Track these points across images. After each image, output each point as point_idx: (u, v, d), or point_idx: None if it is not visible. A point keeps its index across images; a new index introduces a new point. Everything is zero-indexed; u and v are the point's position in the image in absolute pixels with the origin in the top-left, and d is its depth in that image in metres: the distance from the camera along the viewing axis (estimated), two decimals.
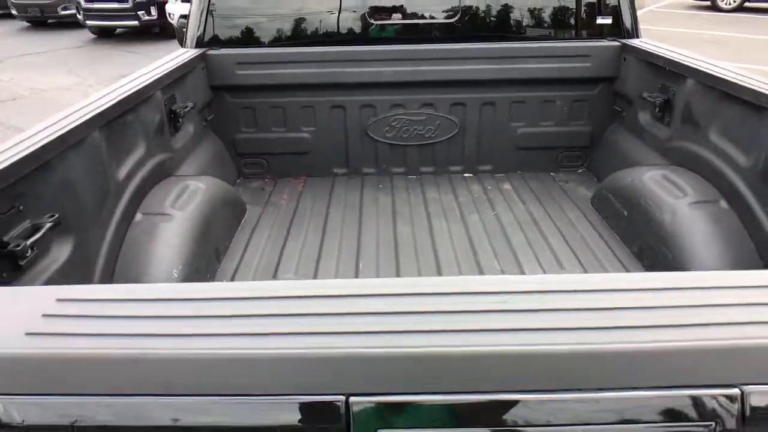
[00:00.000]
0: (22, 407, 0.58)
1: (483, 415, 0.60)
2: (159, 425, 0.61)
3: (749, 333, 0.61)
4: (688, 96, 2.11)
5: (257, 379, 0.61)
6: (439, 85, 2.59)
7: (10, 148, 1.33)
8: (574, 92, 2.66)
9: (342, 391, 0.61)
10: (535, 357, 0.59)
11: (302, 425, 0.61)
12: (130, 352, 0.62)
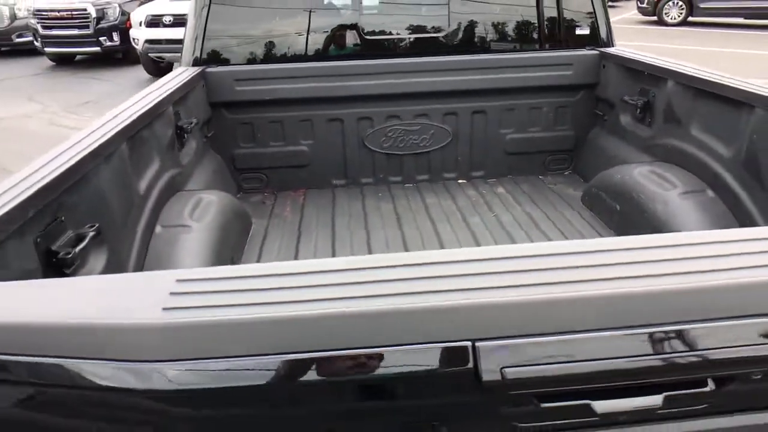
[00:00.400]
0: (170, 372, 0.63)
1: (589, 348, 0.69)
2: (302, 381, 0.67)
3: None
4: (669, 96, 2.28)
5: (396, 332, 0.68)
6: (432, 96, 2.70)
7: (50, 161, 1.36)
8: (558, 99, 2.81)
9: (469, 337, 0.69)
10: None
11: (438, 369, 0.69)
12: (260, 317, 0.68)
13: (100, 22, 10.77)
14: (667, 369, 0.70)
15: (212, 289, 0.72)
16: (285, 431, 0.73)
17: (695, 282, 0.72)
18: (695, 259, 0.76)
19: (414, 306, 0.70)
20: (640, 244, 0.82)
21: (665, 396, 0.71)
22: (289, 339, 0.67)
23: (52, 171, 1.31)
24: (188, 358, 0.65)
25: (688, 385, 0.72)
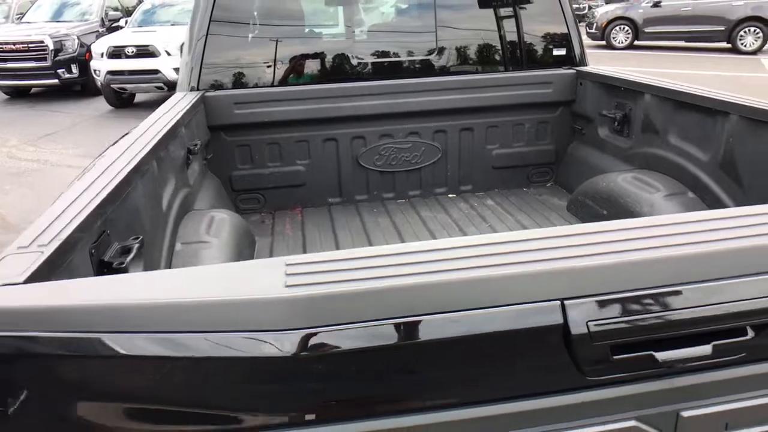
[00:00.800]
0: (296, 338, 0.71)
1: (654, 303, 0.80)
2: (415, 342, 0.75)
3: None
4: (647, 108, 2.47)
5: (500, 295, 0.77)
6: (422, 115, 2.83)
7: (99, 177, 1.40)
8: (539, 115, 2.99)
9: (558, 297, 0.80)
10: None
11: (533, 326, 0.79)
12: (376, 286, 0.76)
13: (59, 54, 10.59)
14: (715, 319, 0.81)
15: (319, 270, 0.80)
16: (393, 389, 0.80)
17: (724, 246, 0.85)
18: (719, 230, 0.89)
19: (515, 272, 0.80)
20: (669, 221, 0.94)
21: (713, 345, 0.83)
22: (400, 304, 0.75)
23: (106, 186, 1.35)
24: (311, 326, 0.73)
25: (730, 333, 0.84)
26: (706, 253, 0.84)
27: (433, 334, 0.76)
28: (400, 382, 0.80)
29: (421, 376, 0.80)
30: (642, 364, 0.83)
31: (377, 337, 0.75)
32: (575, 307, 0.79)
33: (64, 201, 1.18)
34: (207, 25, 2.52)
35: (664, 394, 0.85)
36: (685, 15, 13.80)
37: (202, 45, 2.56)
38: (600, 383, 0.83)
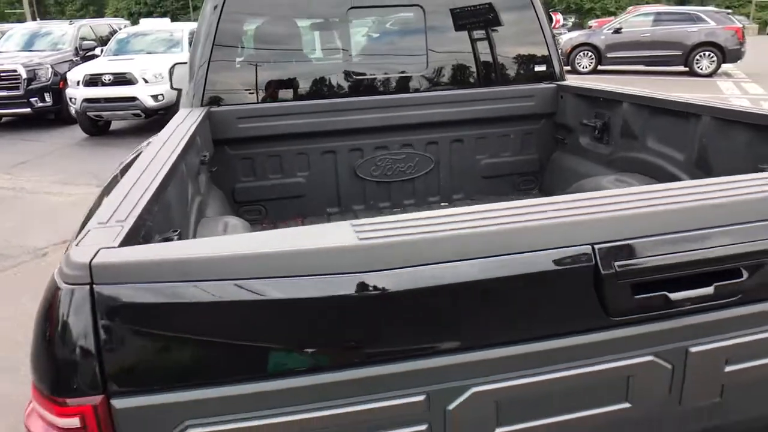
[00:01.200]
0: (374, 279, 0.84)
1: (668, 246, 0.95)
2: (468, 280, 0.88)
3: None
4: (625, 116, 2.68)
5: (545, 241, 0.90)
6: (415, 128, 2.99)
7: (143, 173, 1.49)
8: (523, 127, 3.18)
9: (589, 242, 0.94)
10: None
11: (569, 267, 0.92)
12: (432, 236, 0.89)
13: (32, 83, 10.53)
14: (715, 261, 0.97)
15: (380, 228, 0.92)
16: (446, 326, 0.92)
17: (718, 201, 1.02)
18: (709, 192, 1.05)
19: (556, 222, 0.93)
20: (672, 186, 1.10)
21: (715, 286, 0.97)
22: (456, 250, 0.88)
23: (152, 182, 1.44)
24: (383, 269, 0.85)
25: (728, 275, 0.99)
26: (702, 206, 0.99)
27: (481, 275, 0.89)
28: (453, 319, 0.92)
29: (470, 315, 0.92)
30: (657, 304, 0.96)
31: (435, 277, 0.87)
32: (604, 250, 0.93)
33: (117, 193, 1.28)
34: (210, 48, 2.62)
35: (676, 332, 0.99)
36: (644, 41, 14.50)
37: (206, 68, 2.64)
38: (622, 323, 0.97)
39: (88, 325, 0.80)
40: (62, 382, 0.82)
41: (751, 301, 1.02)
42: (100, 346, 0.81)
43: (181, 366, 0.84)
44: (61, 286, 0.81)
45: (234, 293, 0.82)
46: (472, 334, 0.93)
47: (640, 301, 0.95)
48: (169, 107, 9.60)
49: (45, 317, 0.83)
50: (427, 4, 2.83)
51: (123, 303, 0.80)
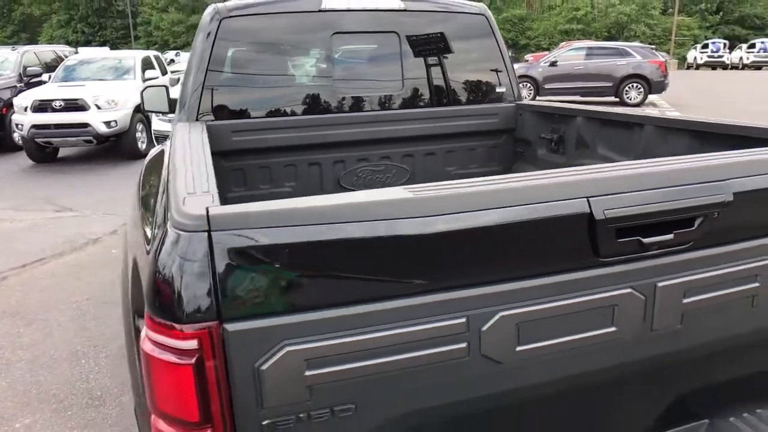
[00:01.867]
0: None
1: (641, 198, 1.25)
2: (494, 224, 1.13)
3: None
4: (578, 129, 3.04)
5: (551, 195, 1.17)
6: (393, 142, 3.25)
7: (191, 164, 1.65)
8: (488, 141, 3.50)
9: (585, 195, 1.20)
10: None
11: (571, 213, 1.19)
12: (468, 190, 1.15)
13: None
14: (673, 212, 1.26)
15: (429, 188, 1.17)
16: (479, 262, 1.17)
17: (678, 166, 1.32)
18: (667, 165, 1.36)
19: (562, 180, 1.21)
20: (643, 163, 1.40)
21: (676, 232, 1.27)
22: (484, 202, 1.14)
23: (204, 168, 1.59)
24: (434, 215, 1.11)
25: (683, 224, 1.29)
26: (664, 171, 1.30)
27: (506, 220, 1.14)
28: (486, 258, 1.16)
29: (498, 254, 1.17)
30: (633, 247, 1.23)
31: (473, 222, 1.12)
32: (596, 202, 1.20)
33: (183, 175, 1.45)
34: (205, 69, 2.77)
35: (647, 270, 1.26)
36: (578, 73, 15.51)
37: (200, 87, 2.79)
38: (608, 263, 1.23)
39: (205, 264, 0.99)
40: (183, 312, 1.00)
41: (701, 247, 1.31)
42: (215, 281, 1.00)
43: (279, 296, 1.03)
44: (181, 234, 1.00)
45: (323, 234, 1.04)
46: (499, 269, 1.17)
47: (621, 244, 1.22)
48: (122, 134, 9.54)
49: (165, 260, 1.01)
50: (402, 30, 3.13)
51: (234, 246, 1.00)
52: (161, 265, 1.01)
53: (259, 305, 1.02)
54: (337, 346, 1.05)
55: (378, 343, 1.07)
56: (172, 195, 1.17)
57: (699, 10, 50.97)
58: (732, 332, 1.43)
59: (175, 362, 1.00)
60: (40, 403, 3.07)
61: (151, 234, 1.18)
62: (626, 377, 1.35)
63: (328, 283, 1.06)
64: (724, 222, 1.33)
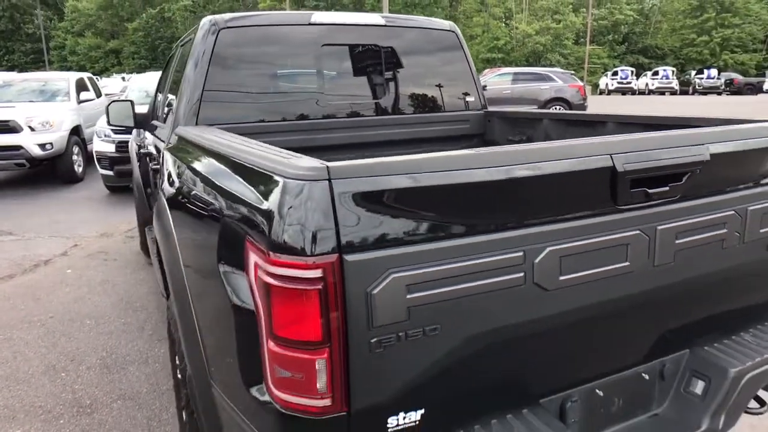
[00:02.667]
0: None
1: (644, 155, 1.53)
2: (535, 174, 1.36)
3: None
4: (545, 130, 3.35)
5: (583, 153, 1.42)
6: (377, 146, 3.44)
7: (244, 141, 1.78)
8: (461, 144, 3.77)
9: (608, 153, 1.44)
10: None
11: (598, 167, 1.42)
12: (527, 148, 1.37)
13: None
14: (669, 167, 1.53)
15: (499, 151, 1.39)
16: (535, 205, 1.39)
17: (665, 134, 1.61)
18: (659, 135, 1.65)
19: (593, 142, 1.45)
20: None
21: (671, 185, 1.54)
22: (529, 157, 1.36)
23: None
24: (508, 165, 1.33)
25: (675, 179, 1.57)
26: (663, 136, 1.58)
27: (554, 170, 1.37)
28: (539, 203, 1.38)
29: (547, 199, 1.39)
30: (640, 197, 1.50)
31: (533, 171, 1.34)
32: (617, 157, 1.44)
33: (252, 146, 1.59)
34: (204, 76, 2.82)
35: (651, 216, 1.51)
36: (506, 97, 16.37)
37: (200, 95, 2.83)
38: (622, 210, 1.47)
39: (328, 207, 1.13)
40: (310, 247, 1.13)
41: (687, 198, 1.59)
42: (336, 220, 1.14)
43: (385, 231, 1.19)
44: (307, 183, 1.15)
45: (418, 181, 1.21)
46: (547, 213, 1.39)
47: (633, 193, 1.48)
48: (58, 157, 9.20)
49: (294, 206, 1.15)
50: (383, 44, 3.35)
51: (349, 191, 1.15)
52: (289, 210, 1.15)
53: (370, 240, 1.18)
54: (430, 274, 1.22)
55: (460, 272, 1.25)
56: (273, 159, 1.31)
57: (608, 40, 54.93)
58: (707, 270, 1.71)
59: (302, 289, 1.14)
60: (26, 415, 2.98)
61: (258, 191, 1.30)
62: (635, 307, 1.60)
63: (422, 221, 1.24)
64: (702, 178, 1.62)
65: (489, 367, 1.40)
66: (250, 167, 1.41)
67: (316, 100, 3.25)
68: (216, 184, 1.61)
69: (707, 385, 1.73)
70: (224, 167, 1.63)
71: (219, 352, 1.59)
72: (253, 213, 1.28)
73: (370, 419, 1.26)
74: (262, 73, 3.07)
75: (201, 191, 1.74)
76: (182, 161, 2.15)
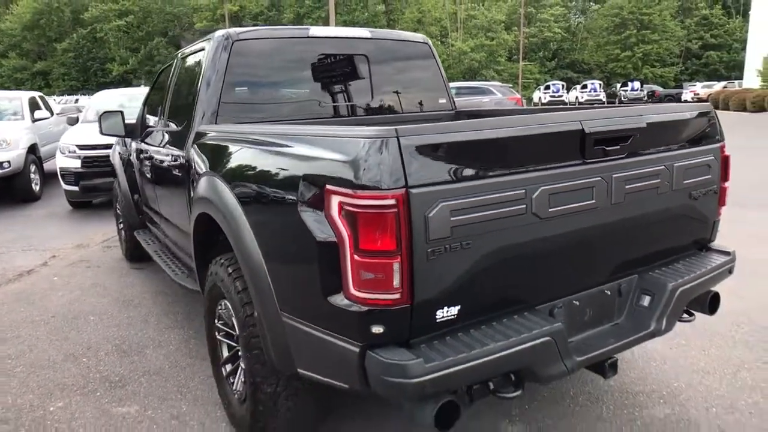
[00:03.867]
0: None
1: (608, 122, 2.11)
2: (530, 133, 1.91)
3: None
4: None
5: (554, 123, 1.98)
6: None
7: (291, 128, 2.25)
8: None
9: (579, 119, 2.01)
10: None
11: (573, 129, 1.99)
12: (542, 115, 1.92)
13: None
14: (619, 130, 2.12)
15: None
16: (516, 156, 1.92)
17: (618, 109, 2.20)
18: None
19: (570, 113, 2.01)
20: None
21: (620, 145, 2.12)
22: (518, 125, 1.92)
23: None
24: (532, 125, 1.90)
25: (624, 140, 2.15)
26: (618, 109, 2.19)
27: (546, 130, 1.93)
28: (534, 152, 1.92)
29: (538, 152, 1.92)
30: (600, 153, 2.05)
31: (533, 131, 1.91)
32: (586, 123, 1.99)
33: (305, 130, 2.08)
34: (222, 81, 3.19)
35: (608, 167, 2.06)
36: None
37: (218, 96, 3.19)
38: (587, 162, 2.02)
39: (398, 156, 1.59)
40: (387, 183, 1.61)
41: (631, 155, 2.17)
42: (404, 165, 1.61)
43: (437, 173, 1.68)
44: (383, 139, 1.62)
45: (456, 137, 1.74)
46: (539, 161, 1.90)
47: (596, 150, 2.04)
48: (15, 175, 9.18)
49: (375, 155, 1.61)
50: (369, 53, 3.85)
51: (413, 144, 1.64)
52: (371, 160, 1.64)
53: (426, 179, 1.68)
54: (465, 203, 1.72)
55: (484, 203, 1.76)
56: (349, 129, 1.81)
57: (538, 57, 57.65)
58: (648, 210, 2.28)
59: (382, 213, 1.62)
60: (62, 391, 3.26)
61: (341, 151, 1.77)
62: (599, 236, 2.15)
63: (459, 166, 1.74)
64: (642, 141, 2.20)
65: (502, 277, 1.91)
66: (330, 137, 1.88)
67: (313, 102, 3.71)
68: (289, 155, 2.07)
69: (652, 298, 2.31)
70: (292, 143, 2.09)
71: (291, 287, 2.04)
72: (336, 167, 1.76)
73: (425, 311, 1.75)
74: (268, 77, 3.52)
75: (269, 165, 2.20)
76: (229, 149, 2.58)
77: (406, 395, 1.70)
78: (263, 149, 2.31)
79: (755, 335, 3.68)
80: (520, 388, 1.94)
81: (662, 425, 2.74)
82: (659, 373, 3.24)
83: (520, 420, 2.82)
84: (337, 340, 1.82)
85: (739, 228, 5.98)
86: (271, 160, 2.21)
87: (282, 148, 2.16)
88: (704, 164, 2.45)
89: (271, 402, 2.30)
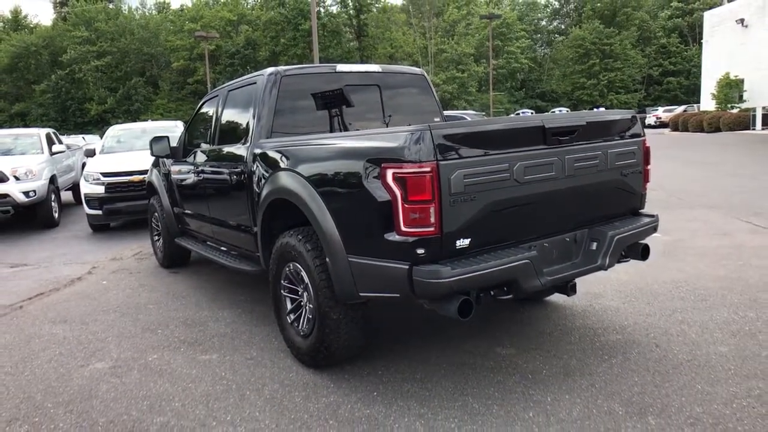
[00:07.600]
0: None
1: (564, 121, 3.19)
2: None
3: None
4: None
5: (534, 119, 3.04)
6: None
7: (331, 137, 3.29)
8: None
9: (542, 120, 3.09)
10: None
11: (537, 126, 3.04)
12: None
13: None
14: (569, 125, 3.20)
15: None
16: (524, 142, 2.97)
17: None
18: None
19: (536, 117, 3.06)
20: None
21: (569, 136, 3.19)
22: (522, 123, 2.98)
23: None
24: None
25: (572, 132, 3.21)
26: (566, 115, 3.26)
27: (523, 126, 3.01)
28: (516, 139, 2.95)
29: (518, 139, 2.95)
30: (556, 140, 3.07)
31: (517, 125, 2.97)
32: (546, 121, 3.01)
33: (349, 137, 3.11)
34: (274, 108, 4.20)
35: (563, 151, 3.06)
36: None
37: (272, 119, 4.20)
38: (548, 147, 3.00)
39: (431, 142, 2.57)
40: (425, 157, 2.61)
41: (577, 142, 3.19)
42: (435, 146, 2.61)
43: (456, 150, 2.68)
44: (421, 132, 2.66)
45: (466, 131, 2.78)
46: (520, 144, 2.91)
47: (553, 139, 3.06)
48: (39, 203, 9.96)
49: (416, 142, 2.64)
50: (381, 85, 4.93)
51: (440, 134, 2.66)
52: (414, 144, 2.66)
53: (450, 156, 2.69)
54: (473, 171, 2.73)
55: (484, 171, 2.77)
56: (396, 129, 2.84)
57: (507, 87, 59.97)
58: (592, 181, 3.29)
59: (422, 176, 2.62)
60: (153, 349, 4.15)
61: (393, 141, 2.79)
62: (560, 197, 3.14)
63: (468, 147, 2.77)
64: (583, 133, 3.23)
65: (496, 220, 2.91)
66: (383, 133, 2.92)
67: (338, 121, 4.74)
68: (350, 148, 3.10)
69: (598, 243, 3.36)
70: (354, 142, 3.13)
71: (355, 236, 3.03)
72: (388, 152, 2.77)
73: (449, 240, 2.75)
74: (306, 105, 4.56)
75: (335, 157, 3.20)
76: (296, 151, 3.60)
77: (440, 291, 2.69)
78: (328, 147, 3.35)
79: (690, 294, 4.74)
80: (511, 294, 2.96)
81: (614, 345, 3.76)
82: (614, 317, 4.28)
83: (511, 345, 3.82)
84: (391, 263, 2.81)
85: (687, 224, 7.28)
86: (335, 154, 3.24)
87: (343, 145, 3.19)
88: (630, 152, 3.54)
89: (335, 326, 3.27)
